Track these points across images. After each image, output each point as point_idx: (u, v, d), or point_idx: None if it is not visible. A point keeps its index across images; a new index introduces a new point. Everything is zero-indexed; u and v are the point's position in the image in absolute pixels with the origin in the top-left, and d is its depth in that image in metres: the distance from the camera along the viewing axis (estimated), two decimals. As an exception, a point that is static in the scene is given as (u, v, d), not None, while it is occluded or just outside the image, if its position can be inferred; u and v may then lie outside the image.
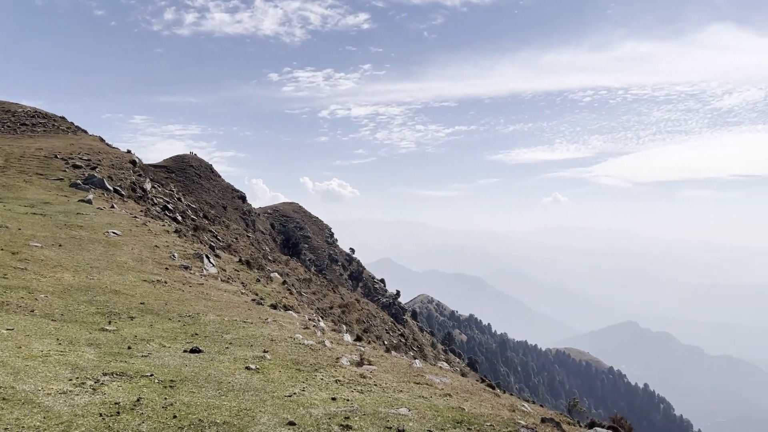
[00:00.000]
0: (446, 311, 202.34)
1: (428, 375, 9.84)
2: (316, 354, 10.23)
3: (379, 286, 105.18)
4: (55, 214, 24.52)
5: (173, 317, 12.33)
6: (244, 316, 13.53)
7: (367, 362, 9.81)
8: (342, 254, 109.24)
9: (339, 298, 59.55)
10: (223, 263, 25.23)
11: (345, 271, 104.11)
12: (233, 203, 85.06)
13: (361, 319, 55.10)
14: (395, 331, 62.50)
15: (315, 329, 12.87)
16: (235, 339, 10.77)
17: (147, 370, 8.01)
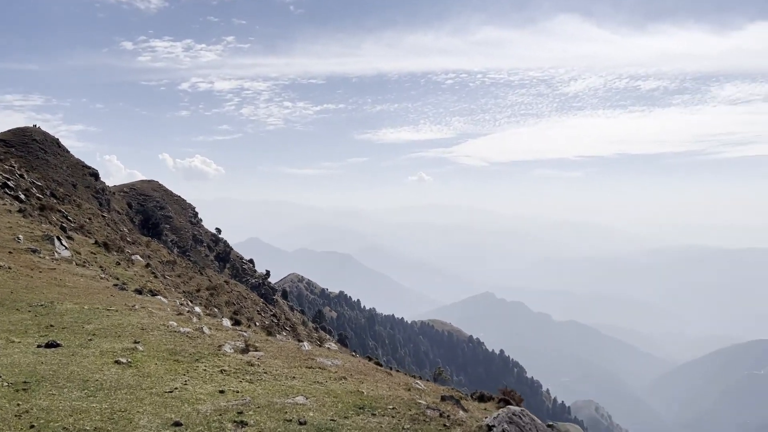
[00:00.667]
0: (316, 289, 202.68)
1: (319, 358, 9.42)
2: (195, 342, 9.39)
3: (248, 266, 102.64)
4: None
5: (22, 307, 10.78)
6: (107, 303, 12.21)
7: (253, 348, 9.17)
8: (207, 235, 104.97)
9: (206, 280, 57.17)
10: (77, 246, 22.85)
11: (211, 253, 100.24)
12: (84, 181, 78.14)
13: (230, 301, 53.37)
14: (267, 312, 61.26)
15: (190, 315, 11.90)
16: (99, 329, 9.60)
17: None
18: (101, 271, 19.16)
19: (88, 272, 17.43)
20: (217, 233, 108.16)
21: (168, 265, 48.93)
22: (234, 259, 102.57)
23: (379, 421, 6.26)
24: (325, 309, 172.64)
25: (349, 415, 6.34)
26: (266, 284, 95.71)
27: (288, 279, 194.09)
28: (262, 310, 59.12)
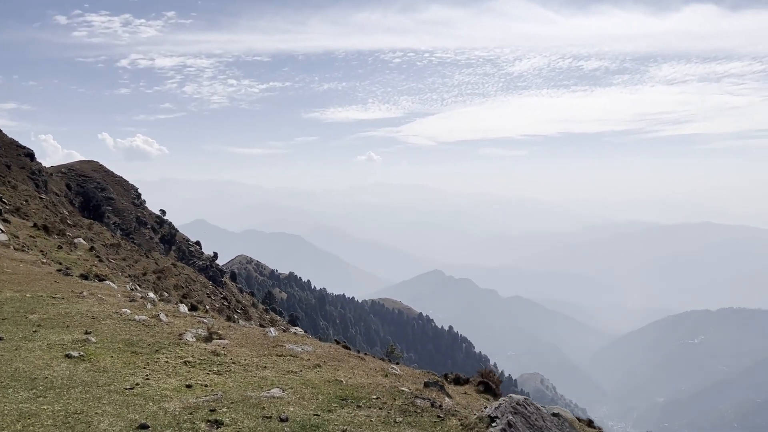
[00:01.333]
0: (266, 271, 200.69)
1: (288, 344, 8.89)
2: (153, 331, 8.69)
3: (195, 248, 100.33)
4: None
5: (-46, 298, 9.80)
6: (52, 290, 11.29)
7: (217, 336, 8.56)
8: (151, 217, 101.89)
9: (153, 263, 55.36)
10: (14, 229, 21.36)
11: (156, 235, 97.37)
12: (19, 161, 74.13)
13: (179, 285, 51.91)
14: (217, 295, 59.86)
15: (144, 301, 11.12)
16: (44, 319, 8.77)
17: None
18: (42, 255, 17.93)
19: (28, 257, 16.25)
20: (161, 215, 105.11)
21: (112, 249, 46.95)
22: (180, 242, 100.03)
23: (367, 414, 5.83)
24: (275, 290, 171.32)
25: (333, 408, 5.88)
26: (214, 266, 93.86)
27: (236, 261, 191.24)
28: (212, 293, 57.68)
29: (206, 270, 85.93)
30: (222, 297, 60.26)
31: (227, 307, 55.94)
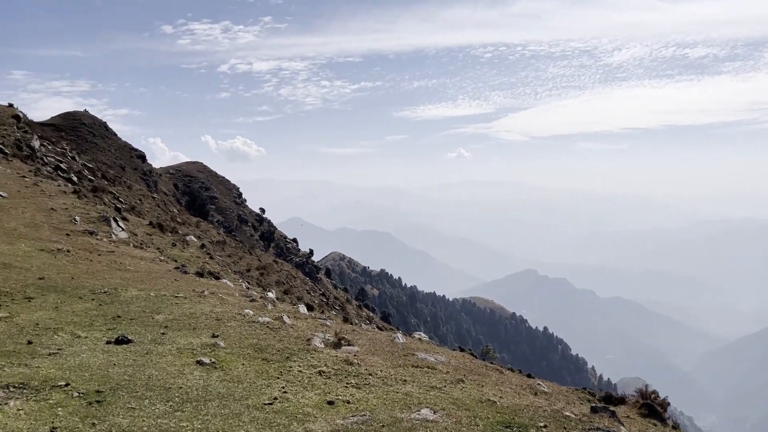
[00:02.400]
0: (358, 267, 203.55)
1: (419, 353, 8.18)
2: (279, 335, 8.25)
3: (292, 245, 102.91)
4: None
5: (85, 295, 9.84)
6: (173, 289, 11.21)
7: (346, 342, 7.98)
8: (252, 215, 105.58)
9: (256, 260, 56.92)
10: (132, 227, 22.19)
11: (256, 232, 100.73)
12: (132, 163, 78.92)
13: (280, 281, 52.99)
14: (315, 291, 60.81)
15: (264, 301, 10.81)
16: (170, 320, 8.55)
17: (59, 376, 5.76)
18: (159, 252, 18.38)
19: (147, 254, 16.60)
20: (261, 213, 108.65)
21: (218, 246, 48.69)
22: (278, 239, 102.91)
23: (546, 449, 4.99)
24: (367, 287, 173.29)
25: (502, 439, 5.08)
26: (310, 263, 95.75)
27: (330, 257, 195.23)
28: (310, 290, 58.64)
29: (302, 266, 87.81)
30: (320, 293, 61.14)
31: (325, 303, 56.61)
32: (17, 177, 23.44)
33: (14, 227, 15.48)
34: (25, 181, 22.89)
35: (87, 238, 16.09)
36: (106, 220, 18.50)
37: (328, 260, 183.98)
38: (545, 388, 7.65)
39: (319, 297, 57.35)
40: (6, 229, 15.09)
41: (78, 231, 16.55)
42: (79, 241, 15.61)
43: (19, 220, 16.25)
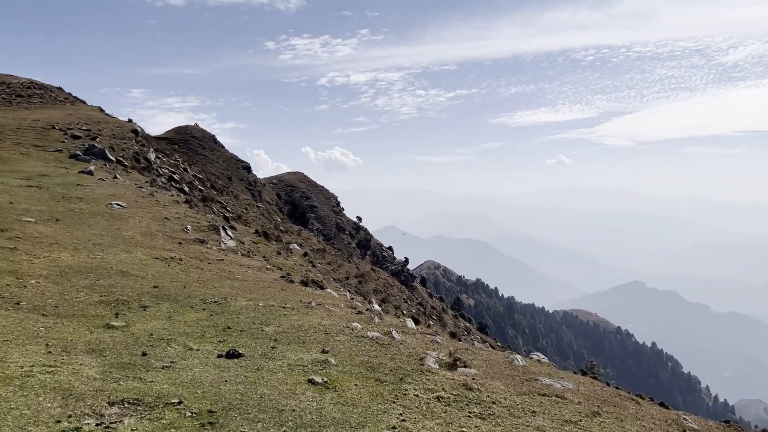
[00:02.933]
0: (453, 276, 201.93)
1: (543, 377, 7.43)
2: (390, 352, 7.79)
3: (387, 253, 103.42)
4: (52, 186, 22.07)
5: (196, 304, 9.90)
6: (281, 299, 11.09)
7: (461, 363, 7.38)
8: (349, 223, 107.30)
9: (354, 267, 57.42)
10: (239, 235, 22.78)
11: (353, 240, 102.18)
12: (238, 174, 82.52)
13: (378, 289, 53.03)
14: (413, 300, 60.49)
15: (370, 314, 10.44)
16: (279, 333, 8.32)
17: (172, 392, 5.59)
18: (265, 261, 18.63)
19: (254, 263, 16.82)
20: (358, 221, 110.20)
21: (318, 253, 49.54)
22: (374, 247, 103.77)
23: None
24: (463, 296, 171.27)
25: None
26: (405, 271, 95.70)
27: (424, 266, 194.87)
28: (408, 299, 58.39)
29: (398, 274, 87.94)
30: (417, 302, 60.73)
31: (423, 312, 56.11)
32: (135, 188, 24.77)
33: (132, 236, 16.16)
34: (142, 191, 24.12)
35: (198, 247, 16.54)
36: (215, 228, 19.02)
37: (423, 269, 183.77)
38: (693, 424, 6.66)
39: (416, 306, 56.93)
40: (124, 238, 15.78)
41: (189, 240, 17.06)
42: (191, 249, 16.05)
43: (136, 229, 16.98)
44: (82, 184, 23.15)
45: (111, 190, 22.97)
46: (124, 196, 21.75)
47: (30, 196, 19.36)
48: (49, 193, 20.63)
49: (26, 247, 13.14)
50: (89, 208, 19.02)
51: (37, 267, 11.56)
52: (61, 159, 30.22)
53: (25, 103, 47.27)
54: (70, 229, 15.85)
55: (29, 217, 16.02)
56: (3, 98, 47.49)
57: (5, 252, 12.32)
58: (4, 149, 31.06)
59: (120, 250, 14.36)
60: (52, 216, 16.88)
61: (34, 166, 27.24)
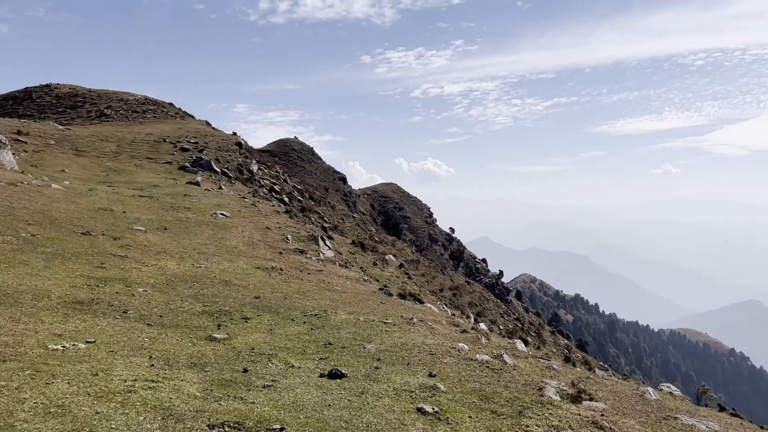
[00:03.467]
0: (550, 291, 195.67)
1: (683, 416, 6.45)
2: (503, 379, 7.09)
3: (481, 266, 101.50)
4: (162, 196, 23.07)
5: (296, 317, 9.64)
6: (381, 313, 10.65)
7: (586, 395, 6.55)
8: (442, 234, 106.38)
9: (448, 279, 56.53)
10: (337, 245, 22.77)
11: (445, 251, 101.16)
12: (334, 185, 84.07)
13: (473, 302, 51.81)
14: (509, 315, 58.66)
15: (477, 333, 9.75)
16: (382, 351, 7.84)
17: (274, 416, 5.21)
18: (362, 272, 18.39)
19: (352, 274, 16.58)
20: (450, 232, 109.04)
21: (412, 264, 49.15)
22: (467, 258, 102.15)
23: None
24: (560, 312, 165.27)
25: None
26: (500, 284, 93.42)
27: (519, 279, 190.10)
28: (504, 313, 56.68)
29: (492, 287, 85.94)
30: (514, 317, 58.81)
31: (520, 328, 54.19)
32: (238, 198, 25.44)
33: (235, 245, 16.39)
34: (245, 201, 24.71)
35: (298, 257, 16.52)
36: (314, 239, 19.03)
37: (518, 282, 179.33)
38: None
39: (514, 321, 55.08)
40: (228, 247, 16.01)
41: (290, 249, 17.10)
42: (291, 259, 16.04)
43: (239, 239, 17.23)
44: (189, 194, 24.06)
45: (216, 200, 23.71)
46: (228, 206, 22.33)
47: (141, 206, 20.26)
48: (159, 203, 21.52)
49: (136, 255, 13.57)
50: (195, 217, 19.63)
51: (145, 275, 11.83)
52: (171, 170, 31.78)
53: (140, 119, 50.39)
54: (177, 238, 16.32)
55: (140, 226, 16.67)
56: (121, 114, 50.92)
57: (117, 260, 12.75)
58: (120, 161, 33.11)
59: (223, 259, 14.54)
60: (161, 225, 17.49)
61: (146, 177, 28.76)
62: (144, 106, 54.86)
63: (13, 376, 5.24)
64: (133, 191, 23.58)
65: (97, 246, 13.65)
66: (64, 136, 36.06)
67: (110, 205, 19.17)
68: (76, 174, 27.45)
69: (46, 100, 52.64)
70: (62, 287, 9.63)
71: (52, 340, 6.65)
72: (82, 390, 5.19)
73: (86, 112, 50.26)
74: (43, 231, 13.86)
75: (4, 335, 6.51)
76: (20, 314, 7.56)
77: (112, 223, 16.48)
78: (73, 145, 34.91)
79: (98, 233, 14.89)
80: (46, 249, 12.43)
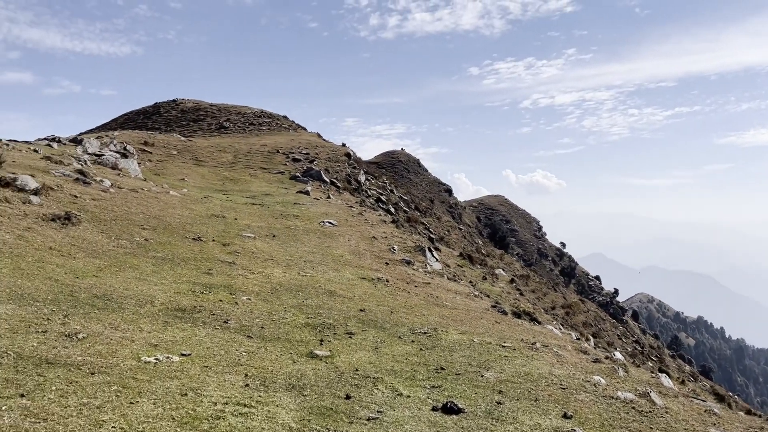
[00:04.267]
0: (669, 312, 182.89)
1: None
2: (655, 425, 5.78)
3: (594, 283, 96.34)
4: (272, 204, 23.26)
5: (404, 334, 8.77)
6: (497, 334, 9.54)
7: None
8: (551, 249, 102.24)
9: (561, 297, 53.68)
10: (444, 257, 21.81)
11: (555, 267, 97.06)
12: (440, 196, 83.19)
13: (588, 322, 48.68)
14: (628, 337, 54.62)
15: (612, 364, 8.38)
16: (503, 382, 6.75)
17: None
18: (472, 286, 17.28)
19: (461, 288, 15.53)
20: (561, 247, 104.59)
21: (522, 279, 47.07)
22: (579, 275, 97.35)
23: None
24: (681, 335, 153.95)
25: None
26: (614, 303, 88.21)
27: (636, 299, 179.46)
28: (622, 335, 52.80)
29: (606, 306, 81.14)
30: (633, 340, 54.70)
31: (640, 352, 50.24)
32: (346, 207, 25.18)
33: (341, 254, 15.88)
34: (352, 210, 24.38)
35: (404, 268, 15.73)
36: (421, 249, 18.18)
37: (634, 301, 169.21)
38: None
39: (632, 344, 51.14)
40: (334, 256, 15.53)
41: (396, 260, 16.35)
42: (397, 270, 15.27)
43: (345, 248, 16.72)
44: (298, 202, 24.11)
45: (324, 208, 23.56)
46: (335, 215, 22.06)
47: (252, 213, 20.39)
48: (270, 210, 21.62)
49: (243, 261, 13.36)
50: (303, 225, 19.44)
51: (251, 283, 11.49)
52: (283, 180, 32.42)
53: (256, 130, 52.31)
54: (285, 246, 16.08)
55: (249, 233, 16.61)
56: (238, 126, 53.14)
57: (224, 266, 12.57)
58: (236, 171, 34.26)
59: (329, 269, 14.03)
60: (269, 232, 17.38)
61: (260, 186, 29.41)
62: (260, 119, 56.96)
63: (98, 392, 4.75)
64: (246, 199, 23.96)
65: (206, 252, 13.60)
66: (186, 147, 37.89)
67: (223, 212, 19.39)
68: (195, 182, 28.52)
69: (172, 114, 56.06)
70: (167, 293, 9.40)
71: (147, 351, 6.20)
72: (166, 413, 4.59)
73: (207, 125, 52.95)
74: (157, 236, 14.02)
75: (100, 344, 6.15)
76: (120, 320, 7.26)
77: (222, 230, 16.53)
78: (194, 155, 36.58)
79: (209, 239, 14.91)
80: (157, 253, 12.46)
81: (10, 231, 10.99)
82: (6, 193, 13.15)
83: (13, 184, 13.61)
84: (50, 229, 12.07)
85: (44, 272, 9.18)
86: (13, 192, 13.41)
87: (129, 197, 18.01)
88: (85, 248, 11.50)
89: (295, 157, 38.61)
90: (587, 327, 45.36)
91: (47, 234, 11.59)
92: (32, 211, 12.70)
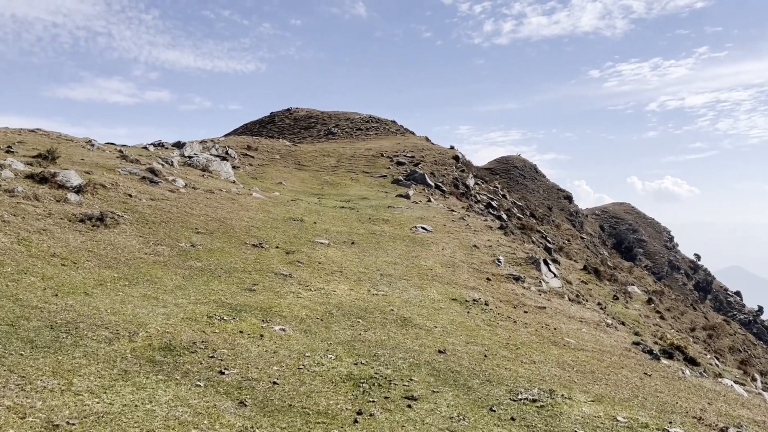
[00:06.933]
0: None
1: None
2: None
3: (734, 299, 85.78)
4: (364, 208, 20.64)
5: (501, 402, 5.51)
6: (652, 400, 5.98)
7: None
8: (684, 261, 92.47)
9: (701, 317, 46.83)
10: (564, 272, 17.93)
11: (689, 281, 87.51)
12: (559, 204, 77.38)
13: (735, 347, 41.73)
14: (787, 367, 46.50)
15: None
16: None
17: None
18: (601, 310, 13.44)
19: (587, 313, 11.81)
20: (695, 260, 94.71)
21: (656, 296, 41.23)
22: (716, 290, 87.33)
23: None
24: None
25: None
26: (758, 322, 77.93)
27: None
28: (778, 364, 44.96)
29: (748, 325, 71.69)
30: (795, 372, 46.47)
31: (804, 387, 42.41)
32: (446, 211, 22.00)
33: (430, 266, 12.75)
34: (453, 214, 21.16)
35: (511, 286, 12.28)
36: (534, 262, 14.56)
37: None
38: None
39: (794, 377, 43.29)
40: (421, 268, 12.43)
41: (501, 275, 12.92)
42: (501, 288, 11.87)
43: (437, 258, 13.57)
44: (393, 206, 21.33)
45: (420, 213, 20.56)
46: (432, 220, 18.99)
47: (337, 217, 17.82)
48: (358, 214, 18.98)
49: (302, 274, 10.65)
50: (391, 231, 16.54)
51: (300, 304, 8.70)
52: (384, 184, 29.99)
53: (362, 135, 50.76)
54: (363, 254, 13.26)
55: (324, 239, 13.96)
56: (346, 132, 51.83)
57: (275, 280, 9.91)
58: (337, 175, 32.34)
59: (410, 285, 10.97)
60: (349, 238, 14.66)
61: (358, 191, 27.08)
62: (368, 124, 55.48)
63: None
64: (339, 203, 21.61)
65: (262, 261, 11.03)
66: (290, 152, 36.72)
67: (303, 215, 16.95)
68: (292, 186, 26.77)
69: (285, 123, 56.13)
70: (169, 320, 6.79)
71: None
72: None
73: (317, 132, 52.31)
74: (208, 241, 11.67)
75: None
76: (46, 370, 4.68)
77: (294, 234, 14.00)
78: (296, 159, 35.29)
79: (272, 245, 12.39)
80: (196, 263, 10.04)
81: (15, 233, 8.99)
82: (40, 190, 11.40)
83: (53, 180, 11.90)
84: (72, 231, 10.04)
85: (13, 287, 6.94)
86: (50, 188, 11.67)
87: (199, 198, 16.03)
88: (103, 255, 9.27)
89: (400, 161, 36.34)
90: (734, 353, 38.81)
91: (62, 237, 9.54)
92: (61, 211, 10.79)
